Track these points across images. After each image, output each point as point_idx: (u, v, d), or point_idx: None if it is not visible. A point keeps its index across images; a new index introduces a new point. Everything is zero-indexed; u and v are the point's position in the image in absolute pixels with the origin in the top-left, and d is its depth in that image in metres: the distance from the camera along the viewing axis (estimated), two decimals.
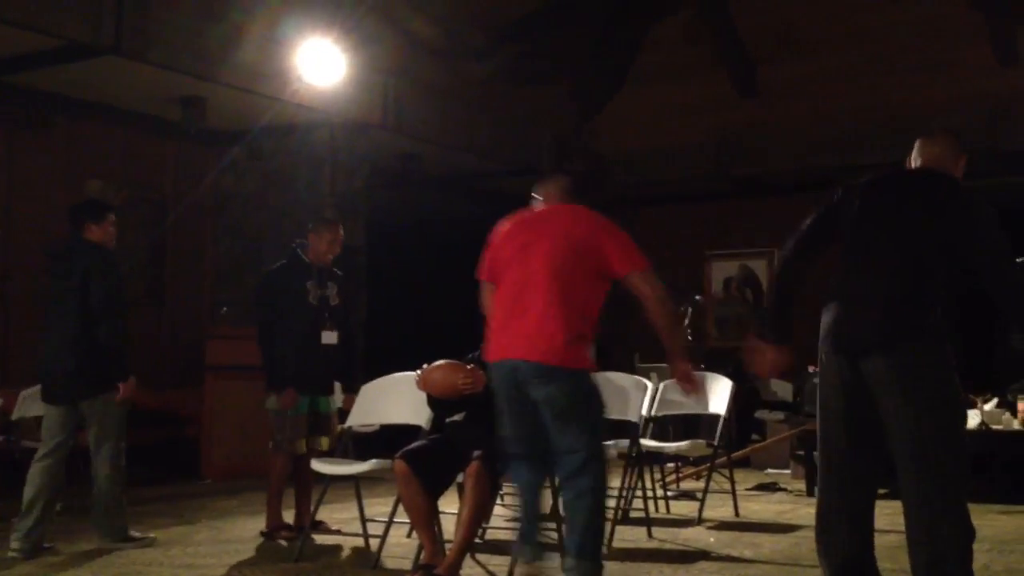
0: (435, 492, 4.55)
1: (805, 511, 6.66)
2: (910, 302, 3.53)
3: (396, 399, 5.20)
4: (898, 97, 10.19)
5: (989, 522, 6.07)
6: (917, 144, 3.87)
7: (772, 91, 10.90)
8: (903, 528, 5.85)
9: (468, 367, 4.63)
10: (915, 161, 3.85)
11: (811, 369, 8.68)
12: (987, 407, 7.30)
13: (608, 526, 5.39)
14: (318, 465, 5.18)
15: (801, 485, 7.64)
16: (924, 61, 10.14)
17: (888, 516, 6.33)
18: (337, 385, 5.93)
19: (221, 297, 9.58)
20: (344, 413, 5.68)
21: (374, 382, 5.50)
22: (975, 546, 5.13)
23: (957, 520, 3.46)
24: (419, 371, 4.70)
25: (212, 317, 9.58)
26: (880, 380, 3.49)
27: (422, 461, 4.50)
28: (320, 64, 8.15)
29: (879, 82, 10.29)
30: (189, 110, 8.33)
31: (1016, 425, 7.15)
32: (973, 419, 7.21)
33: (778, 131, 10.82)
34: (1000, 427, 7.16)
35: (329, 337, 5.74)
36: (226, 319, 9.13)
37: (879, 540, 5.46)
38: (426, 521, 4.48)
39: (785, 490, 7.75)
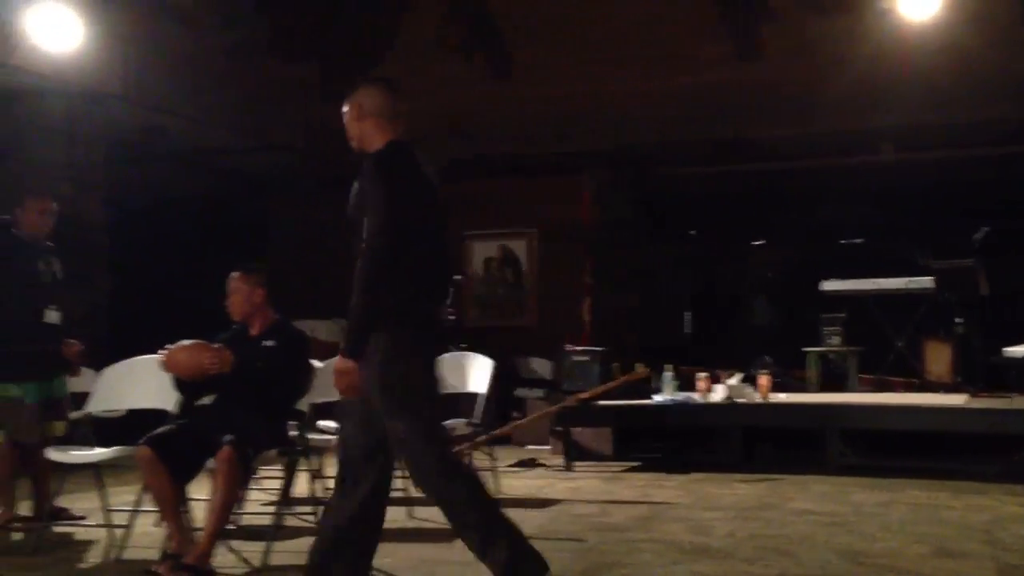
0: (183, 479, 4.35)
1: (562, 485, 6.79)
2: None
3: (141, 382, 4.92)
4: (642, 87, 10.55)
5: (731, 491, 6.37)
6: (392, 100, 3.73)
7: (525, 74, 11.02)
8: (654, 499, 6.06)
9: (215, 346, 4.45)
10: (396, 123, 3.70)
11: (568, 348, 8.89)
12: (732, 381, 7.66)
13: None
14: (56, 453, 4.86)
15: (560, 460, 7.78)
16: (666, 52, 10.52)
17: (639, 488, 6.56)
18: None
19: None
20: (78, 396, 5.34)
21: (117, 365, 5.18)
22: (719, 514, 5.39)
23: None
24: (163, 351, 4.48)
25: None
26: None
27: (168, 446, 4.28)
28: (53, 28, 7.59)
29: (624, 71, 10.60)
30: None
31: (758, 398, 7.53)
32: (719, 393, 7.56)
33: (532, 113, 10.95)
34: (743, 400, 7.53)
35: (52, 316, 5.44)
36: None
37: (633, 511, 5.63)
38: (173, 509, 4.28)
39: (544, 465, 7.88)
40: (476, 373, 6.44)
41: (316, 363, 5.12)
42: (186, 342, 4.47)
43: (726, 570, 4.08)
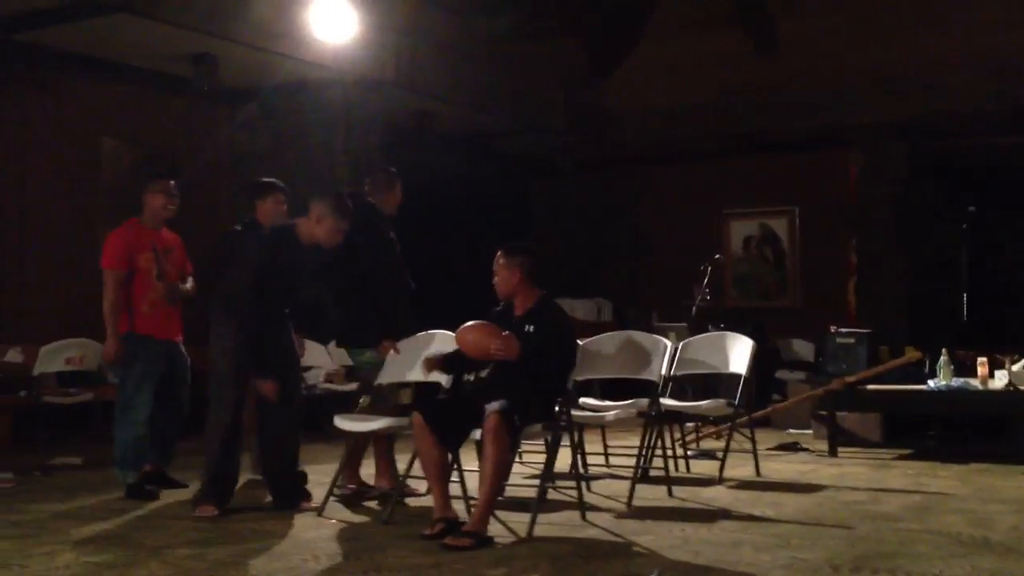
0: (450, 445, 4.49)
1: (827, 471, 6.57)
2: None
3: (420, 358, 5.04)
4: (908, 54, 10.01)
5: (1016, 483, 5.98)
6: None
7: (791, 47, 10.69)
8: (929, 489, 5.78)
9: (504, 333, 4.52)
10: None
11: (833, 329, 8.59)
12: (1015, 368, 7.15)
13: (628, 484, 5.36)
14: (341, 422, 5.07)
15: (823, 445, 7.54)
16: (934, 18, 9.92)
17: (911, 476, 6.27)
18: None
19: None
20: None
21: (405, 340, 5.36)
22: (1002, 507, 5.07)
23: None
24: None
25: None
26: None
27: (438, 413, 4.45)
28: (332, 22, 8.13)
29: (890, 39, 10.10)
30: (200, 67, 8.24)
31: None
32: (1001, 379, 7.09)
33: (797, 87, 10.62)
34: None
35: None
36: None
37: (906, 500, 5.40)
38: (437, 474, 4.41)
39: (807, 450, 7.65)
40: (736, 354, 6.35)
41: (578, 341, 5.21)
42: (477, 323, 4.59)
43: (1010, 566, 3.85)
